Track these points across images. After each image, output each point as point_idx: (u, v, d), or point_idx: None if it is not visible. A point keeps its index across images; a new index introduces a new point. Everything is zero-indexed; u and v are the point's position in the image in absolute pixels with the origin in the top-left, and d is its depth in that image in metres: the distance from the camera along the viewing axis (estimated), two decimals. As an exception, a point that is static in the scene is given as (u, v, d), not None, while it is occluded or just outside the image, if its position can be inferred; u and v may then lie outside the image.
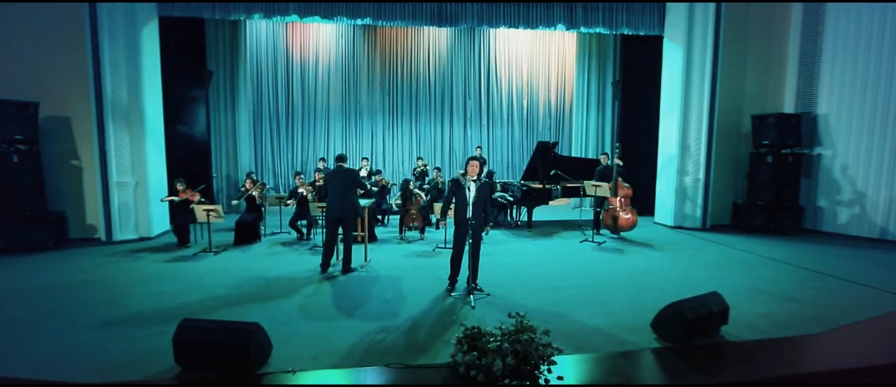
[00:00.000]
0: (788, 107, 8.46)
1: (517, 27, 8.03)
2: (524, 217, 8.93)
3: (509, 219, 9.05)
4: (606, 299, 4.68)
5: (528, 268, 5.86)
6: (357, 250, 6.31)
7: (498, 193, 8.65)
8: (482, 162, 10.68)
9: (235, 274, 5.54)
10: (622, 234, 7.80)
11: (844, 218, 7.86)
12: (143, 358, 3.34)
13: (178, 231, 7.00)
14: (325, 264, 5.61)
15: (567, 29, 8.25)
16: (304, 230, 7.74)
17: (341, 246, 5.75)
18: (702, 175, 8.39)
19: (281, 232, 8.10)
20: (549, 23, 8.01)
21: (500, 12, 7.76)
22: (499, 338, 3.16)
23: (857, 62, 7.48)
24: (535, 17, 7.91)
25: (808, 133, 8.15)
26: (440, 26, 8.18)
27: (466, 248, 4.69)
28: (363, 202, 6.33)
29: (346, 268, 5.61)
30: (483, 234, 4.80)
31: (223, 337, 3.03)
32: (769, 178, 8.06)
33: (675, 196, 8.61)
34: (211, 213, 6.50)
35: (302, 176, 7.91)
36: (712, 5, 7.79)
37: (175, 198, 6.94)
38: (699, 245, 7.28)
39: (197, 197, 6.97)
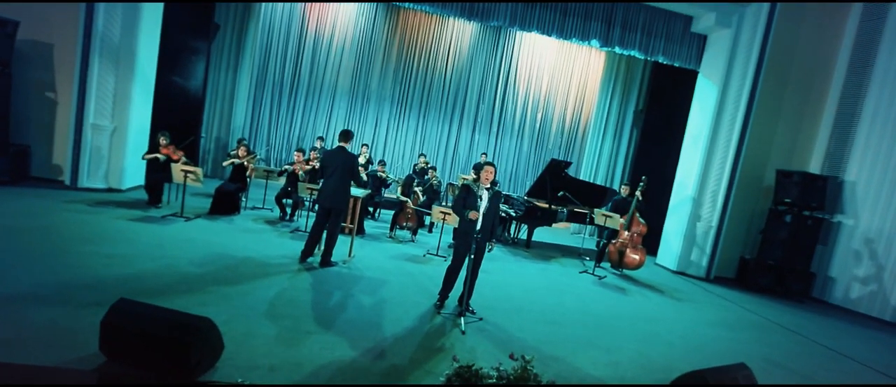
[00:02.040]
0: (814, 167, 8.06)
1: (550, 35, 7.53)
2: (523, 235, 8.42)
3: (508, 235, 8.54)
4: (610, 346, 4.17)
5: (525, 294, 5.34)
6: (343, 242, 5.74)
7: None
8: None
9: (203, 247, 4.95)
10: (625, 271, 7.33)
11: (856, 293, 7.45)
12: (64, 337, 2.76)
13: (151, 188, 6.38)
14: (306, 254, 5.04)
15: (601, 47, 7.78)
16: (289, 210, 7.16)
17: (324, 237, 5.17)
18: (715, 223, 7.95)
19: (263, 207, 7.50)
20: (585, 36, 7.53)
21: (535, 16, 7.26)
22: (495, 381, 2.64)
23: (898, 133, 7.08)
24: (571, 28, 7.42)
25: (832, 198, 7.75)
26: (469, 20, 7.67)
27: (466, 262, 4.16)
28: (358, 192, 5.77)
29: (326, 261, 5.05)
30: (486, 249, 4.27)
31: (163, 330, 2.46)
32: (785, 238, 7.64)
33: (683, 240, 8.16)
34: (189, 175, 5.90)
35: (302, 154, 7.32)
36: (756, 48, 7.36)
37: (159, 156, 6.30)
38: (704, 297, 6.83)
39: (180, 156, 6.37)
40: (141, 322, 2.47)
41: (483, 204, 4.03)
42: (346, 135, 5.09)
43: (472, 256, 4.08)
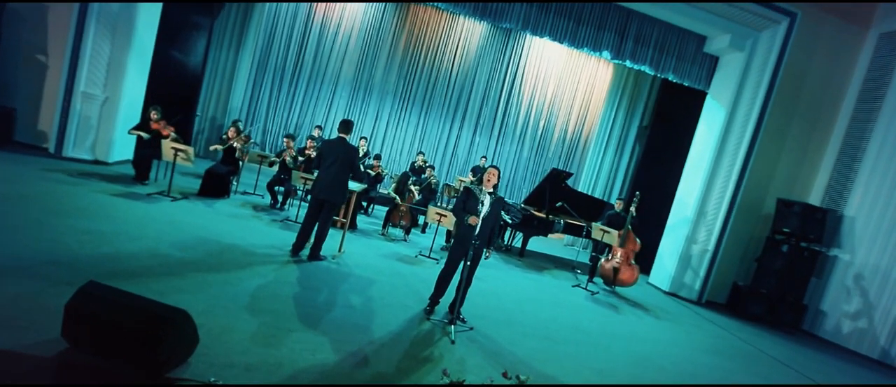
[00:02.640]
0: (815, 199, 8.00)
1: (562, 43, 7.38)
2: (517, 243, 8.28)
3: (501, 242, 8.39)
4: (604, 367, 4.04)
5: (517, 306, 5.19)
6: (333, 237, 5.55)
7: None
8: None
9: (187, 230, 4.74)
10: (617, 288, 7.21)
11: (846, 329, 7.39)
12: (26, 317, 2.56)
13: (138, 164, 6.15)
14: (298, 248, 4.84)
15: (612, 59, 7.66)
16: (281, 198, 6.95)
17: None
18: (711, 247, 7.86)
19: (254, 193, 7.29)
20: (596, 47, 7.40)
21: (549, 21, 7.10)
22: (485, 402, 2.49)
23: (903, 171, 7.02)
24: (583, 37, 7.28)
25: (830, 231, 7.69)
26: (480, 19, 7.50)
27: (460, 268, 4.00)
28: (355, 186, 5.59)
29: (315, 254, 4.86)
30: (483, 257, 4.11)
31: (133, 320, 2.27)
32: (780, 267, 7.56)
33: (677, 261, 8.06)
34: (180, 153, 5.67)
35: (292, 140, 7.12)
36: (768, 74, 7.29)
37: (143, 134, 6.05)
38: (696, 322, 6.73)
39: (170, 132, 6.13)
40: (110, 309, 2.28)
41: (484, 209, 3.86)
42: (347, 125, 4.88)
43: (468, 263, 3.92)
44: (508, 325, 4.46)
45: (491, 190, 3.97)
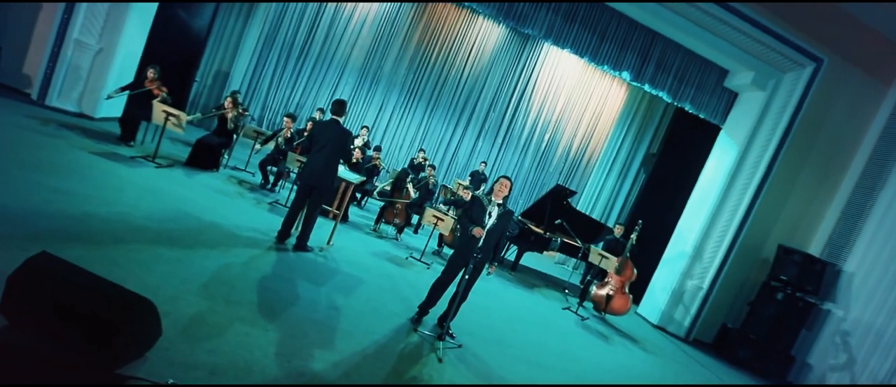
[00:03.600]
0: (815, 249, 7.87)
1: (583, 57, 7.16)
2: (509, 256, 8.03)
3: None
4: (594, 404, 3.80)
5: (507, 324, 4.94)
6: (323, 226, 5.24)
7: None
8: (483, 179, 9.81)
9: (167, 201, 4.40)
10: (607, 316, 7.00)
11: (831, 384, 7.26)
12: (-35, 281, 2.23)
13: (125, 123, 5.78)
14: (284, 235, 4.53)
15: (631, 80, 7.45)
16: (272, 179, 6.62)
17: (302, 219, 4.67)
18: (706, 285, 7.69)
19: (245, 170, 6.94)
20: (617, 66, 7.18)
21: (573, 34, 6.86)
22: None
23: (910, 234, 6.90)
24: (605, 55, 7.06)
25: (827, 285, 7.56)
26: (502, 22, 7.23)
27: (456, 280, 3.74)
28: (354, 178, 5.29)
29: (302, 245, 4.55)
30: (484, 272, 3.85)
31: (87, 303, 1.96)
32: (773, 314, 7.41)
33: (669, 295, 7.88)
34: (171, 118, 5.33)
35: (292, 120, 6.78)
36: (786, 118, 7.14)
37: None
38: (683, 361, 6.55)
39: (163, 93, 5.77)
40: (60, 288, 1.97)
41: (490, 221, 3.60)
42: (341, 106, 4.53)
43: (466, 276, 3.65)
44: (498, 345, 4.20)
45: (500, 202, 3.71)
